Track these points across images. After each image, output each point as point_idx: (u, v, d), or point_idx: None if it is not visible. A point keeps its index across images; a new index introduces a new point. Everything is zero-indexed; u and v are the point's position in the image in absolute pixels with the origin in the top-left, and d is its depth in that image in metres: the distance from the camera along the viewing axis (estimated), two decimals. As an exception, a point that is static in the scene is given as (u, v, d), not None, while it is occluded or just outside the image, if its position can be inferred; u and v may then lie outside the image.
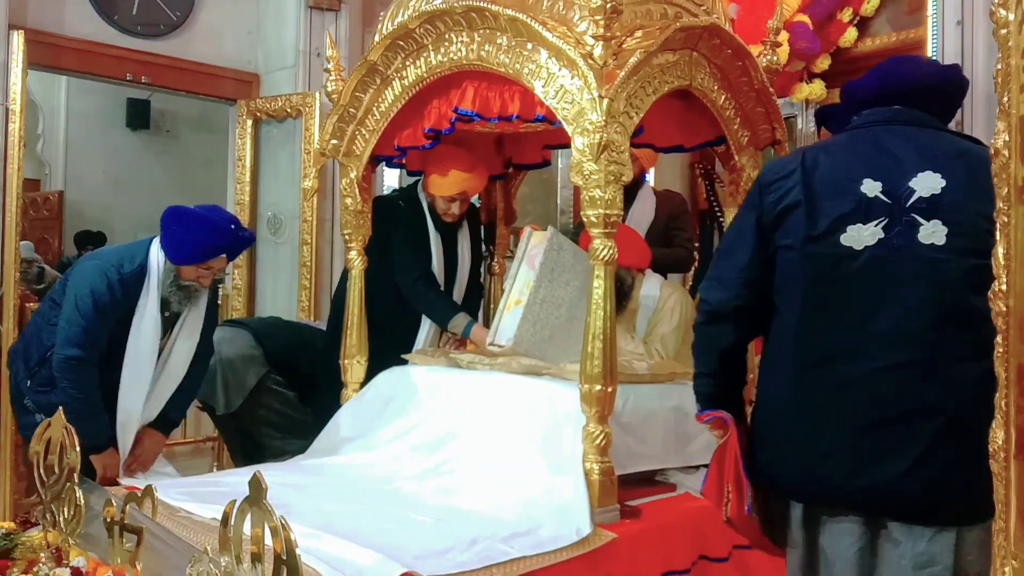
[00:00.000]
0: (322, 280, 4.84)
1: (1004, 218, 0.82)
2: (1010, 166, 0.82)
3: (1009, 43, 0.81)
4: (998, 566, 0.83)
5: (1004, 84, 0.82)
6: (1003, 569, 0.82)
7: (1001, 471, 0.84)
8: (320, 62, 4.83)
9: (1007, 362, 0.84)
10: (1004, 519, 0.83)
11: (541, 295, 2.74)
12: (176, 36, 4.89)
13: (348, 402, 2.86)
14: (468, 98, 2.55)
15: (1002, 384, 0.85)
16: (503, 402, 2.52)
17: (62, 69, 4.74)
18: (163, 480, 2.71)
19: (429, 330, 3.23)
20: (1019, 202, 0.81)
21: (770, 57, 2.69)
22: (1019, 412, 0.82)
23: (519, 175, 3.60)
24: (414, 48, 2.58)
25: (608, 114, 2.13)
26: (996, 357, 0.85)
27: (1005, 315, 0.84)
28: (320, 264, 4.88)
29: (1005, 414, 0.84)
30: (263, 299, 5.05)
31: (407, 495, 2.33)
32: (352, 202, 2.85)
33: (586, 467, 2.19)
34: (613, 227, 2.20)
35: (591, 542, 2.05)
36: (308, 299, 4.79)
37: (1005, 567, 0.81)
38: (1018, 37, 0.79)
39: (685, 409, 2.63)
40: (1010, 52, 0.81)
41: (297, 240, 4.88)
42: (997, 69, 0.84)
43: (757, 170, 2.71)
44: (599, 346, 2.17)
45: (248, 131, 5.08)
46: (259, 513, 1.37)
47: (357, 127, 2.78)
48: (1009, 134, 0.82)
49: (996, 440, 0.86)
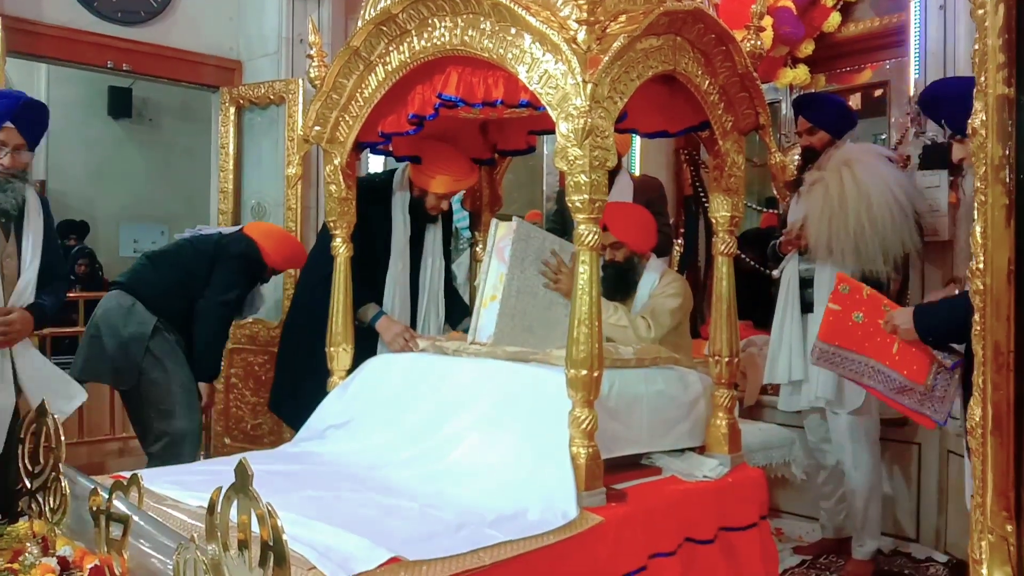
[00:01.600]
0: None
1: (981, 197, 0.83)
2: (987, 145, 0.83)
3: (986, 23, 0.82)
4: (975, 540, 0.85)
5: (981, 64, 0.83)
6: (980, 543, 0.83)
7: (978, 447, 0.85)
8: (303, 48, 4.80)
9: (984, 340, 0.85)
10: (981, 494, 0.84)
11: (515, 286, 2.74)
12: (157, 23, 4.84)
13: (334, 389, 2.86)
14: (452, 83, 2.54)
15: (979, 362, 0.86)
16: (489, 388, 2.52)
17: (41, 57, 4.68)
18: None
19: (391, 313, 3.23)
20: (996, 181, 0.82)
21: (754, 42, 2.69)
22: (996, 389, 0.84)
23: (504, 161, 3.59)
24: (397, 33, 2.57)
25: (592, 99, 2.12)
26: (973, 335, 0.87)
27: (982, 293, 0.84)
28: (305, 252, 4.86)
29: (983, 391, 0.85)
30: (248, 288, 5.02)
31: (394, 482, 2.34)
32: (336, 189, 2.84)
33: (572, 451, 2.20)
34: (599, 212, 2.20)
35: (577, 525, 2.07)
36: (294, 287, 4.78)
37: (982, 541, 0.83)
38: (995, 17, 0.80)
39: (670, 393, 2.65)
40: (987, 32, 0.81)
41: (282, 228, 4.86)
42: (975, 49, 0.84)
43: (741, 155, 2.72)
44: (584, 331, 2.18)
45: (231, 119, 5.05)
46: (245, 500, 1.37)
47: (340, 113, 2.77)
48: (986, 114, 0.83)
49: (973, 417, 0.87)
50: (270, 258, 3.75)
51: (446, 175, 3.18)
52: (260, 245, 3.72)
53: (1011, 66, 0.79)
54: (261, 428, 4.86)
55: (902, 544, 4.04)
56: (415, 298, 3.34)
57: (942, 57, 3.89)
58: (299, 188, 4.73)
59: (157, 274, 3.63)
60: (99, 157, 8.75)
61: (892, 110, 4.89)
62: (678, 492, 2.47)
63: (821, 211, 3.53)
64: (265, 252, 3.72)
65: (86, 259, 8.03)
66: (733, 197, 2.71)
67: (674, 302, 3.19)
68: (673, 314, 3.18)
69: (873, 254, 3.45)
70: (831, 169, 3.57)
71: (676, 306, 3.19)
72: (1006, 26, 0.78)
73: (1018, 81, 0.79)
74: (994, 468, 0.84)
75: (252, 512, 1.35)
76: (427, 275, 3.36)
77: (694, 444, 2.72)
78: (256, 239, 3.74)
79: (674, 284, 3.26)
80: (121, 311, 3.50)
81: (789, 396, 3.85)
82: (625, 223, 3.32)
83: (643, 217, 3.41)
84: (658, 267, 3.35)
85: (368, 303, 3.15)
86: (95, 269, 8.09)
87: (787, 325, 3.79)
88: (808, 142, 3.83)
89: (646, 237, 3.35)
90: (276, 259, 3.79)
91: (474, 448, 2.41)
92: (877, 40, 4.88)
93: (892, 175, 3.53)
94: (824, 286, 3.65)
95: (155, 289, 3.57)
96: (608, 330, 3.07)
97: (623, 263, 3.28)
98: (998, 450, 0.83)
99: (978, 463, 0.86)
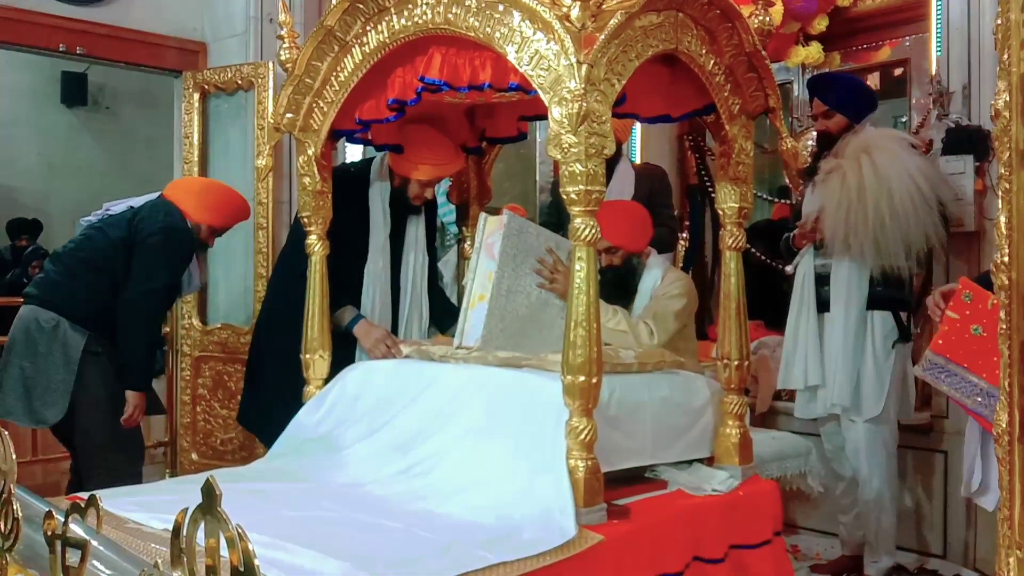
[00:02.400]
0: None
1: (1006, 184, 0.83)
2: (1011, 128, 0.83)
3: (1009, -5, 0.82)
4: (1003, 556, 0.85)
5: (1004, 40, 0.83)
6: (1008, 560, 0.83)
7: (1005, 456, 0.86)
8: (273, 28, 4.78)
9: (1009, 339, 0.85)
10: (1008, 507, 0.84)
11: (506, 285, 2.74)
12: (113, 2, 4.82)
13: (311, 400, 2.86)
14: (435, 66, 2.54)
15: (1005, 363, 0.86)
16: (479, 397, 2.52)
17: (-14, 40, 4.67)
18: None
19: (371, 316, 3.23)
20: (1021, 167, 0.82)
21: (762, 18, 2.70)
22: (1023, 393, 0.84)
23: (493, 150, 3.59)
24: (375, 11, 2.57)
25: (587, 81, 2.13)
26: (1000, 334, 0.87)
27: (1008, 288, 0.85)
28: (277, 250, 4.83)
29: (1008, 395, 0.85)
30: (216, 290, 5.02)
31: (376, 500, 2.34)
32: (310, 181, 2.84)
33: (570, 464, 2.20)
34: (595, 204, 2.21)
35: (576, 545, 2.07)
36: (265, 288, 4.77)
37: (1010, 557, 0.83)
38: (1018, -11, 0.80)
39: (675, 400, 2.66)
40: (1010, 6, 0.81)
41: (251, 224, 4.84)
42: (997, 25, 0.84)
43: (750, 141, 2.73)
44: (582, 334, 2.18)
45: (195, 106, 5.03)
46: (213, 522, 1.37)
47: (314, 99, 2.77)
48: (1010, 94, 0.83)
49: (1000, 423, 0.87)
50: (200, 219, 3.41)
51: (429, 160, 3.16)
52: (182, 209, 3.38)
53: (1036, 42, 0.79)
54: (232, 443, 4.84)
55: (927, 560, 4.05)
56: (396, 298, 3.31)
57: (966, 32, 3.90)
58: (270, 181, 4.71)
59: (72, 278, 3.32)
60: (52, 148, 8.72)
61: (913, 90, 4.91)
62: (685, 507, 2.48)
63: (838, 203, 3.53)
64: (189, 214, 3.39)
65: (40, 261, 7.88)
66: (741, 187, 2.71)
67: (678, 303, 3.19)
68: (678, 316, 3.18)
69: (895, 249, 3.46)
70: (849, 157, 3.58)
71: (680, 308, 3.19)
72: (1031, -1, 0.78)
73: (1044, 59, 0.79)
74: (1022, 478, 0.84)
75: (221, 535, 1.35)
76: (409, 272, 3.34)
77: (702, 455, 2.73)
78: (176, 201, 3.40)
79: (678, 283, 3.26)
80: (43, 333, 3.22)
81: (806, 403, 3.86)
82: (615, 224, 3.28)
83: (633, 213, 3.38)
84: (660, 264, 3.35)
85: (345, 306, 3.13)
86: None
87: (802, 326, 3.80)
88: (824, 126, 3.84)
89: (640, 234, 3.32)
90: (208, 217, 3.44)
91: (463, 462, 2.41)
92: (896, 15, 4.89)
93: (915, 163, 3.54)
94: (841, 283, 3.66)
95: (74, 298, 3.27)
96: (607, 336, 3.07)
97: (622, 267, 3.27)
98: (1027, 458, 0.84)
99: (1005, 473, 0.86)
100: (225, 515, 1.35)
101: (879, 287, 3.62)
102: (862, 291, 3.64)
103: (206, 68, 5.08)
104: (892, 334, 3.65)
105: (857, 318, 3.64)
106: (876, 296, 3.63)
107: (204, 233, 3.49)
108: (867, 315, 3.65)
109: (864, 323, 3.65)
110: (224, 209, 3.55)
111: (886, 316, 3.65)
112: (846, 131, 3.74)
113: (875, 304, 3.65)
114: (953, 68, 3.94)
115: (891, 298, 3.64)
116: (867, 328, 3.65)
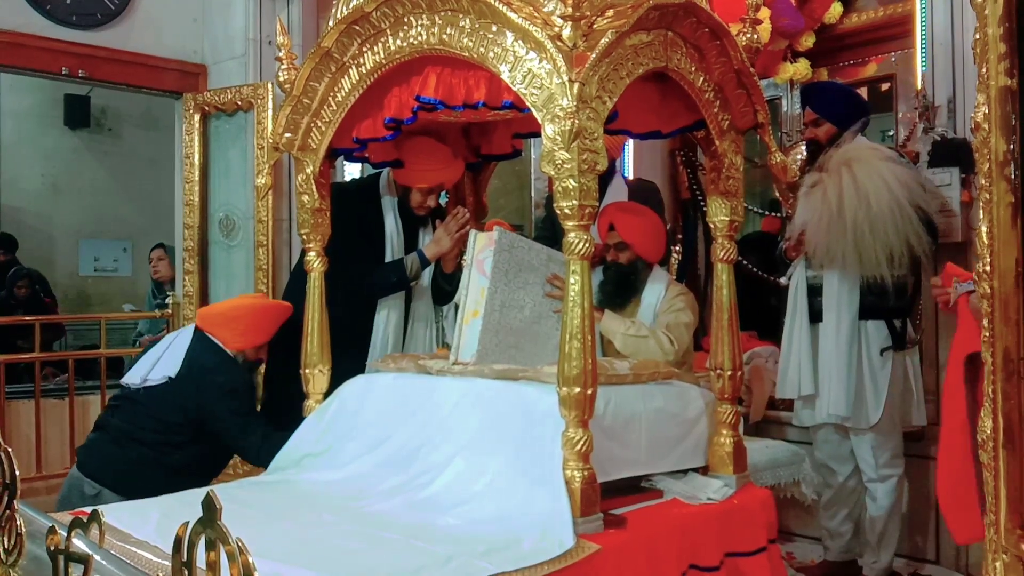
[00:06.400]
0: (280, 285, 4.82)
1: (986, 195, 0.84)
2: (991, 140, 0.84)
3: (986, 11, 0.83)
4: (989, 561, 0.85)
5: (982, 55, 0.84)
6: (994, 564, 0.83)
7: (990, 461, 0.86)
8: (271, 50, 4.81)
9: (992, 347, 0.85)
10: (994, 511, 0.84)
11: (499, 300, 2.74)
12: (115, 26, 4.85)
13: (311, 414, 2.86)
14: (430, 85, 2.55)
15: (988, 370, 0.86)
16: (477, 410, 2.52)
17: (-9, 64, 4.69)
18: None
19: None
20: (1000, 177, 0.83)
21: (750, 35, 2.71)
22: (1006, 399, 0.84)
23: (489, 167, 3.61)
24: (371, 33, 2.58)
25: (579, 99, 2.14)
26: (983, 342, 0.87)
27: (989, 297, 0.85)
28: (277, 267, 4.86)
29: (993, 402, 0.86)
30: (217, 307, 5.01)
31: (376, 513, 2.33)
32: (309, 199, 2.85)
33: (567, 475, 2.20)
34: (589, 219, 2.21)
35: (574, 555, 2.06)
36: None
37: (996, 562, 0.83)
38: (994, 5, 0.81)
39: (670, 410, 2.65)
40: (987, 21, 0.82)
41: (252, 242, 4.86)
42: (975, 39, 0.85)
43: (739, 155, 2.74)
44: (576, 346, 2.18)
45: (196, 126, 5.05)
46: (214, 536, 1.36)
47: (312, 119, 2.78)
48: (989, 107, 0.84)
49: (984, 429, 0.87)
50: (240, 346, 3.26)
51: (426, 168, 3.20)
52: (220, 340, 3.24)
53: (1012, 56, 0.80)
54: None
55: (921, 566, 4.04)
56: (408, 308, 3.37)
57: (950, 48, 3.93)
58: (270, 199, 4.73)
59: (119, 448, 3.15)
60: (56, 170, 8.70)
61: (899, 105, 4.93)
62: (681, 516, 2.47)
63: (820, 216, 3.54)
64: (227, 345, 3.24)
65: (25, 281, 6.77)
66: (732, 200, 2.72)
67: (687, 317, 3.21)
68: (689, 329, 3.21)
69: (876, 259, 3.46)
70: (831, 170, 3.58)
71: (690, 321, 3.22)
72: (1006, 14, 0.78)
73: (1021, 72, 0.80)
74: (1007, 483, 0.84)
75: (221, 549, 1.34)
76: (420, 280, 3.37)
77: (697, 464, 2.72)
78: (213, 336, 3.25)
79: (682, 298, 3.27)
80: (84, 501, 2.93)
81: (802, 411, 3.86)
82: (634, 225, 3.30)
83: (655, 224, 3.39)
84: (663, 278, 3.35)
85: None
86: (36, 292, 6.84)
87: (796, 336, 3.79)
88: (813, 134, 3.85)
89: (655, 245, 3.34)
90: (247, 341, 3.28)
91: (461, 474, 2.40)
92: (882, 31, 4.93)
93: (893, 174, 3.53)
94: (832, 294, 3.66)
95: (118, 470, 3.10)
96: (624, 344, 3.07)
97: (626, 266, 3.27)
98: (1011, 464, 0.84)
99: (990, 478, 0.86)
100: (226, 528, 1.34)
101: (871, 296, 3.62)
102: (853, 301, 3.64)
103: (206, 90, 5.10)
104: (886, 343, 3.64)
105: (849, 327, 3.63)
106: (868, 305, 3.63)
107: (251, 356, 3.36)
108: (859, 324, 3.65)
109: (856, 332, 3.65)
110: (260, 326, 3.35)
111: (879, 325, 3.64)
112: (835, 139, 3.75)
113: (867, 313, 3.64)
114: (938, 83, 3.96)
115: (884, 307, 3.64)
116: (860, 337, 3.65)
